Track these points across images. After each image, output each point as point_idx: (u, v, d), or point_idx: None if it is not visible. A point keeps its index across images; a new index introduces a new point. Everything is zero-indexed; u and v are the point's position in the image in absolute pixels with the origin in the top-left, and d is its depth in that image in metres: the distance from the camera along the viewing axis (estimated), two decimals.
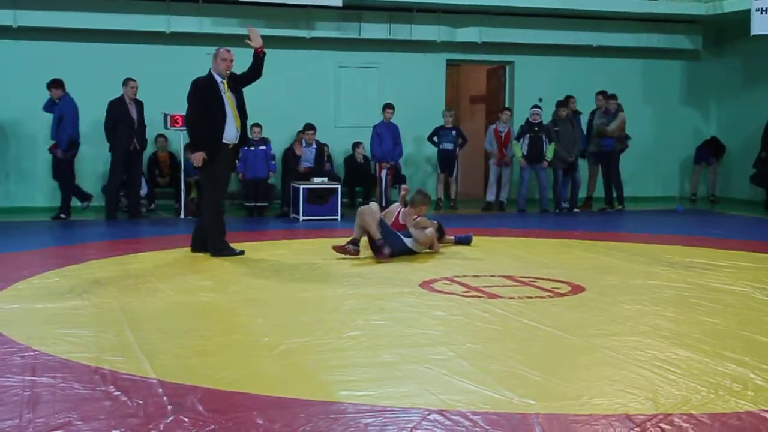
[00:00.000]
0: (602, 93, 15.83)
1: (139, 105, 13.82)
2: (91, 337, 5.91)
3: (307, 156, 14.67)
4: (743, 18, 15.32)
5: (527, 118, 15.46)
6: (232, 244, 9.85)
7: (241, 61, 15.57)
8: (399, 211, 10.14)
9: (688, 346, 5.71)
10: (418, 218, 10.01)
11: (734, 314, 6.81)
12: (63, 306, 6.93)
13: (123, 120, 13.60)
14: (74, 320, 6.41)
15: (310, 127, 14.70)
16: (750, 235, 12.48)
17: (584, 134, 15.84)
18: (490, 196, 15.94)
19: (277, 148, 15.09)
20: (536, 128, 15.28)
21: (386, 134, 15.04)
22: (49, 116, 13.75)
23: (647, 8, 16.89)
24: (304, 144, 14.73)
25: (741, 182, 17.11)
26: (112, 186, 13.82)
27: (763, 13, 14.81)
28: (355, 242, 9.58)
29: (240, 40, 15.58)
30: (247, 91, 15.16)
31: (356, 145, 15.58)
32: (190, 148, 10.76)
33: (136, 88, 13.73)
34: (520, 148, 15.31)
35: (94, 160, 15.05)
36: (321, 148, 14.85)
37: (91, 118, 14.28)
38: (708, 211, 15.81)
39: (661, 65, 18.12)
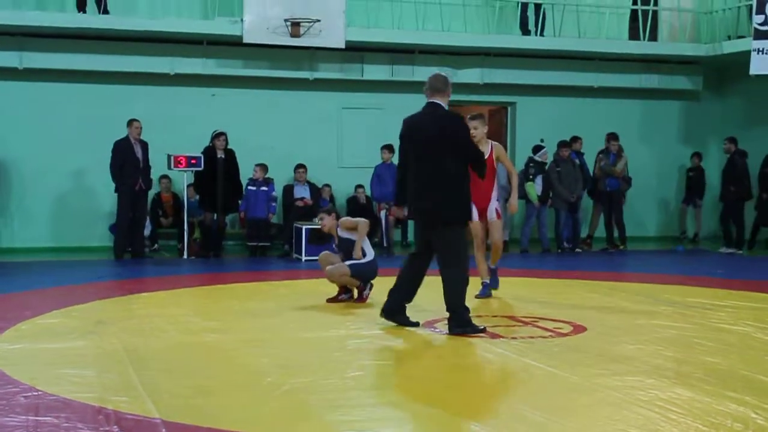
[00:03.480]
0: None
1: (144, 145, 13.91)
2: (95, 377, 5.93)
3: (301, 194, 14.85)
4: (743, 59, 15.44)
5: (532, 158, 15.44)
6: (239, 285, 9.79)
7: (243, 103, 15.78)
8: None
9: (689, 386, 5.72)
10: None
11: (735, 354, 6.83)
12: (66, 346, 6.95)
13: (129, 160, 13.69)
14: (78, 360, 6.42)
15: (300, 165, 14.88)
16: (751, 275, 12.50)
17: (590, 174, 15.86)
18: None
19: (282, 189, 15.17)
20: (546, 168, 15.36)
21: (386, 175, 15.08)
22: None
23: (648, 50, 17.02)
24: (296, 183, 14.92)
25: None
26: (121, 226, 13.87)
27: (761, 53, 14.92)
28: (346, 290, 9.48)
29: (243, 82, 15.84)
30: (251, 132, 15.43)
31: (358, 186, 15.64)
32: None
33: (140, 128, 13.84)
34: (534, 190, 15.27)
35: (99, 200, 15.10)
36: (315, 187, 15.01)
37: (96, 159, 14.37)
38: (709, 251, 15.82)
39: (662, 106, 18.22)
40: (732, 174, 15.73)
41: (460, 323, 7.54)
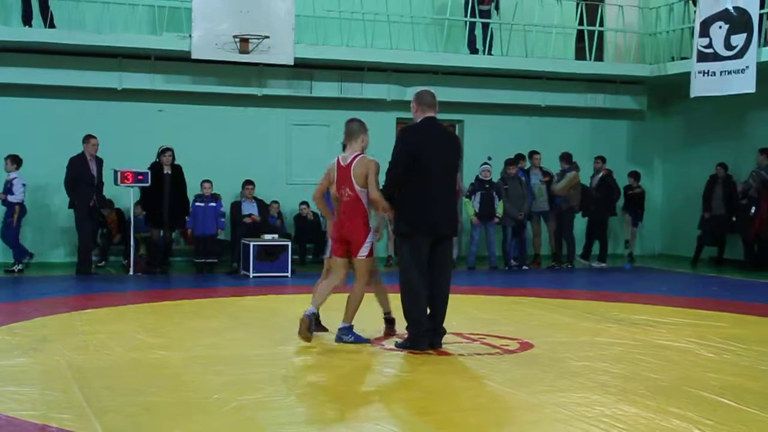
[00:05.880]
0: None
1: (99, 162, 13.74)
2: (38, 394, 5.86)
3: (249, 210, 14.81)
4: (686, 80, 15.69)
5: (477, 176, 15.60)
6: (186, 302, 9.69)
7: (191, 118, 15.70)
8: None
9: (633, 402, 5.79)
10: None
11: (678, 370, 6.93)
12: (9, 363, 6.85)
13: (83, 177, 13.50)
14: (21, 377, 6.34)
15: (249, 182, 14.85)
16: (694, 292, 12.70)
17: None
18: None
19: (229, 205, 15.09)
20: (487, 185, 15.45)
21: None
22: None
23: (594, 69, 17.25)
24: (243, 200, 14.87)
25: (686, 239, 17.36)
26: (85, 241, 13.66)
27: (704, 75, 15.23)
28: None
29: (191, 98, 15.76)
30: (200, 148, 15.36)
31: (302, 203, 15.58)
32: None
33: (97, 145, 13.65)
34: (472, 206, 15.40)
35: (47, 216, 14.88)
36: (263, 203, 14.97)
37: (42, 174, 14.19)
38: (654, 269, 16.03)
39: (608, 125, 18.45)
40: (600, 192, 16.36)
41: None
